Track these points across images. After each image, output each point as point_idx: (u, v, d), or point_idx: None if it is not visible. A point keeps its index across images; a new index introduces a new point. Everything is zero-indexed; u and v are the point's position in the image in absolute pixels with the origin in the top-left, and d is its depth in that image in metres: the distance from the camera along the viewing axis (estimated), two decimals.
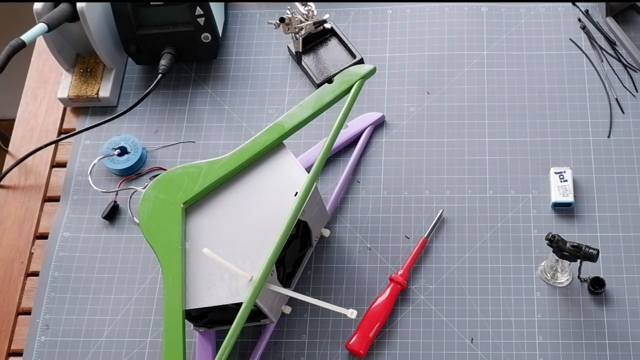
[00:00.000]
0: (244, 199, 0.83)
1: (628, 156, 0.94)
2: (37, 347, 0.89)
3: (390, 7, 1.08)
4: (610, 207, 0.92)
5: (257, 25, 1.08)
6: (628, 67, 1.00)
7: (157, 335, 0.89)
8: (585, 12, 1.05)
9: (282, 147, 0.85)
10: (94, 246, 0.94)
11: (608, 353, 0.84)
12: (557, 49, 1.02)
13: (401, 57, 1.04)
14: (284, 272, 0.85)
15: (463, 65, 1.02)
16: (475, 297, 0.88)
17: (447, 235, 0.92)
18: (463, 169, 0.95)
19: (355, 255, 0.91)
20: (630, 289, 0.87)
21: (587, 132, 0.96)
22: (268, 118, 1.01)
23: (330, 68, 1.03)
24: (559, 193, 0.91)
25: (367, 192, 0.95)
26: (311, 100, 0.86)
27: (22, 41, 0.90)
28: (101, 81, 1.03)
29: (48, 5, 0.96)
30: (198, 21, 1.00)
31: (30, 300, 0.93)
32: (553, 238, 0.81)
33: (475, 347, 0.85)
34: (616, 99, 0.98)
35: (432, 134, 0.98)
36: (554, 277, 0.87)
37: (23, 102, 1.07)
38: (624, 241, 0.90)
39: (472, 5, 1.06)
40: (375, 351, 0.86)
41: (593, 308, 0.86)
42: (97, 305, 0.91)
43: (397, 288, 0.88)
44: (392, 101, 1.01)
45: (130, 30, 1.00)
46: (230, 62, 1.06)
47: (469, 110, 0.99)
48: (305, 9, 0.98)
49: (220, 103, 1.03)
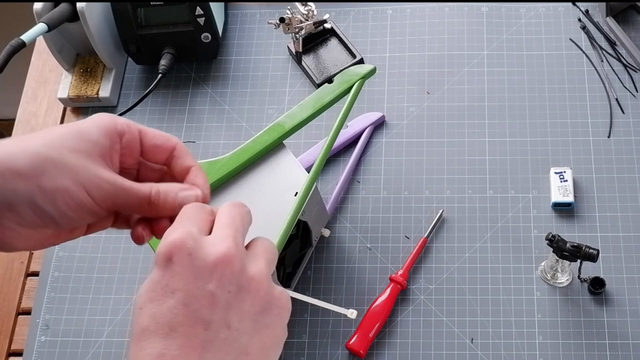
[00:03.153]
0: (244, 199, 0.82)
1: (628, 156, 0.94)
2: (37, 347, 0.89)
3: (390, 7, 1.08)
4: (610, 207, 0.92)
5: (257, 25, 1.08)
6: (628, 67, 1.00)
7: None
8: (585, 12, 1.05)
9: (282, 147, 0.85)
10: (94, 246, 0.94)
11: (608, 353, 0.84)
12: (557, 49, 1.02)
13: (401, 57, 1.04)
14: (284, 272, 0.85)
15: (463, 65, 1.02)
16: (475, 297, 0.88)
17: (447, 235, 0.92)
18: (463, 169, 0.95)
19: (355, 255, 0.91)
20: (630, 289, 0.87)
21: (587, 132, 0.96)
22: (268, 118, 1.01)
23: (330, 68, 1.03)
24: (559, 193, 0.91)
25: (367, 192, 0.95)
26: (311, 100, 0.85)
27: (22, 41, 0.90)
28: (101, 81, 1.03)
29: (48, 5, 0.96)
30: (198, 21, 1.00)
31: (30, 300, 0.93)
32: (553, 238, 0.81)
33: (475, 347, 0.85)
34: (616, 99, 0.98)
35: (432, 134, 0.98)
36: (554, 277, 0.87)
37: (23, 102, 1.07)
38: (624, 241, 0.90)
39: (472, 5, 1.06)
40: (375, 351, 0.86)
41: (593, 308, 0.86)
42: (97, 305, 0.91)
43: (397, 288, 0.88)
44: (392, 101, 1.01)
45: (130, 30, 1.00)
46: (230, 62, 1.06)
47: (469, 110, 0.99)
48: (305, 9, 0.98)
49: (220, 103, 1.03)
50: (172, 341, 0.44)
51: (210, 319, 0.45)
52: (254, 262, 0.49)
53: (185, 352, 0.44)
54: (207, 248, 0.47)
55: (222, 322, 0.46)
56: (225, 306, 0.46)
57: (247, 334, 0.47)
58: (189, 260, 0.46)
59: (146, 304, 0.46)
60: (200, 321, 0.45)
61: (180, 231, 0.47)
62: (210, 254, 0.46)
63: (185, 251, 0.46)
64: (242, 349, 0.47)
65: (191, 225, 0.48)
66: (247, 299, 0.47)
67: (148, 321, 0.45)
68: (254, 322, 0.48)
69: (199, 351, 0.45)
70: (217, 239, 0.48)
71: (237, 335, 0.47)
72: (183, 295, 0.45)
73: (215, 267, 0.46)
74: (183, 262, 0.46)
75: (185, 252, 0.46)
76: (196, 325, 0.45)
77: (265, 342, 0.49)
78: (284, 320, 0.51)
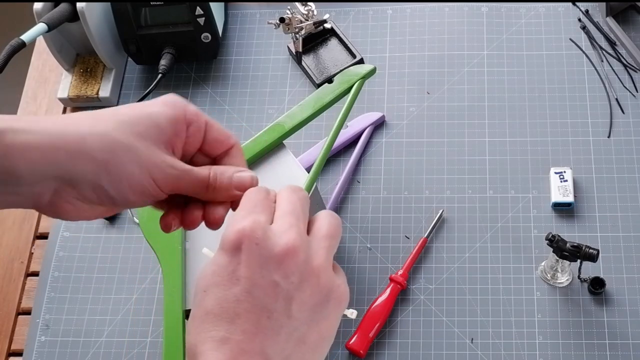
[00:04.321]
0: None
1: (628, 156, 0.94)
2: (37, 347, 0.89)
3: (390, 7, 1.08)
4: (610, 207, 0.92)
5: (257, 25, 1.08)
6: (628, 67, 1.00)
7: (157, 335, 0.89)
8: (585, 12, 1.05)
9: (282, 147, 0.85)
10: (94, 246, 0.94)
11: (608, 353, 0.84)
12: (557, 49, 1.02)
13: (401, 57, 1.04)
14: None
15: (463, 65, 1.02)
16: (475, 297, 0.88)
17: (447, 235, 0.92)
18: (463, 169, 0.95)
19: (355, 255, 0.91)
20: (630, 289, 0.87)
21: (587, 132, 0.96)
22: (268, 118, 1.01)
23: (330, 68, 1.03)
24: (559, 193, 0.91)
25: (367, 192, 0.95)
26: (311, 100, 0.85)
27: (22, 41, 0.90)
28: (101, 81, 1.03)
29: (48, 5, 0.96)
30: (198, 21, 1.00)
31: (30, 300, 0.93)
32: (553, 238, 0.81)
33: (475, 347, 0.85)
34: (616, 99, 0.98)
35: (432, 134, 0.98)
36: (554, 277, 0.87)
37: (23, 102, 1.07)
38: (624, 241, 0.90)
39: (472, 5, 1.06)
40: (375, 351, 0.86)
41: (593, 308, 0.86)
42: (97, 305, 0.91)
43: (397, 288, 0.88)
44: (392, 101, 1.01)
45: (130, 30, 1.00)
46: (230, 62, 1.06)
47: (469, 110, 0.99)
48: (305, 9, 0.98)
49: (220, 103, 1.03)
50: (236, 326, 0.46)
51: (273, 307, 0.47)
52: (317, 252, 0.50)
53: (249, 337, 0.46)
54: (273, 239, 0.48)
55: (283, 312, 0.48)
56: (287, 296, 0.48)
57: (305, 324, 0.49)
58: (256, 250, 0.47)
59: (211, 287, 0.47)
60: (264, 309, 0.47)
61: (250, 220, 0.48)
62: (277, 244, 0.48)
63: (254, 240, 0.47)
64: (300, 338, 0.48)
65: (259, 213, 0.49)
66: (308, 289, 0.49)
67: (213, 304, 0.47)
68: (312, 313, 0.49)
69: (261, 337, 0.46)
70: (283, 229, 0.49)
71: (297, 325, 0.48)
72: (249, 284, 0.47)
73: (281, 259, 0.48)
74: (251, 252, 0.47)
75: (253, 242, 0.47)
76: (260, 313, 0.47)
77: (322, 332, 0.50)
78: (340, 312, 0.52)
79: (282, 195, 0.52)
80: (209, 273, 0.48)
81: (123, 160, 0.50)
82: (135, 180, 0.50)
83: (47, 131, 0.48)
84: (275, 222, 0.50)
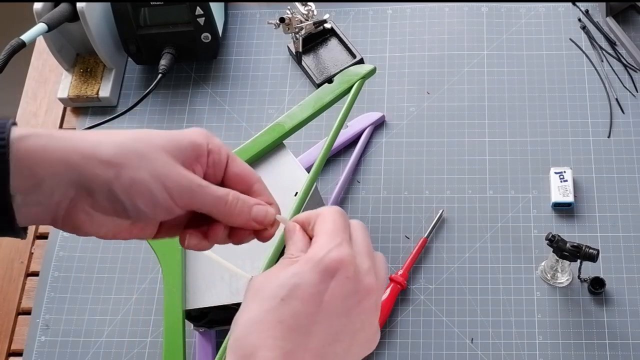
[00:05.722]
0: None
1: (628, 156, 0.94)
2: (37, 347, 0.89)
3: (390, 7, 1.08)
4: (610, 207, 0.92)
5: (257, 25, 1.08)
6: (628, 67, 1.00)
7: (157, 335, 0.89)
8: (585, 12, 1.05)
9: (282, 147, 0.85)
10: (94, 246, 0.94)
11: (608, 353, 0.84)
12: (557, 49, 1.02)
13: (401, 57, 1.04)
14: None
15: (463, 65, 1.02)
16: (475, 297, 0.88)
17: (447, 235, 0.92)
18: (463, 169, 0.95)
19: None
20: (630, 289, 0.87)
21: (587, 132, 0.96)
22: (268, 118, 1.01)
23: (330, 68, 1.03)
24: (559, 193, 0.91)
25: (367, 192, 0.95)
26: (311, 100, 0.86)
27: (22, 41, 0.90)
28: (101, 81, 1.03)
29: (48, 5, 0.96)
30: (198, 21, 1.00)
31: (30, 300, 0.93)
32: (553, 238, 0.81)
33: (475, 347, 0.85)
34: (616, 99, 0.98)
35: (432, 134, 0.98)
36: (554, 277, 0.87)
37: (23, 102, 1.07)
38: (624, 241, 0.90)
39: (472, 5, 1.06)
40: (376, 351, 0.86)
41: (593, 308, 0.86)
42: (97, 305, 0.91)
43: (397, 288, 0.88)
44: (392, 101, 1.01)
45: (130, 30, 1.00)
46: (230, 62, 1.06)
47: (469, 110, 0.99)
48: (305, 9, 0.98)
49: (220, 103, 1.03)
50: (306, 344, 0.48)
51: (342, 338, 0.50)
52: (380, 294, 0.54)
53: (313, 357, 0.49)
54: (359, 277, 0.51)
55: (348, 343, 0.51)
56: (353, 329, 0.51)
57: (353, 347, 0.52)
58: (346, 283, 0.50)
59: (292, 299, 0.49)
60: (335, 337, 0.50)
61: (346, 252, 0.51)
62: (360, 283, 0.51)
63: (346, 274, 0.50)
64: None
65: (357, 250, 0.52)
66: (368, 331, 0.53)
67: (289, 316, 0.48)
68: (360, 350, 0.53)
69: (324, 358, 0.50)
70: (365, 269, 0.52)
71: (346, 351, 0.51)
72: (329, 310, 0.49)
73: (361, 299, 0.51)
74: (342, 284, 0.50)
75: (345, 274, 0.50)
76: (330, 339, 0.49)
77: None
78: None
79: (356, 231, 0.54)
80: (291, 283, 0.49)
81: (135, 167, 0.50)
82: (146, 187, 0.50)
83: (67, 137, 0.49)
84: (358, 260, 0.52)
